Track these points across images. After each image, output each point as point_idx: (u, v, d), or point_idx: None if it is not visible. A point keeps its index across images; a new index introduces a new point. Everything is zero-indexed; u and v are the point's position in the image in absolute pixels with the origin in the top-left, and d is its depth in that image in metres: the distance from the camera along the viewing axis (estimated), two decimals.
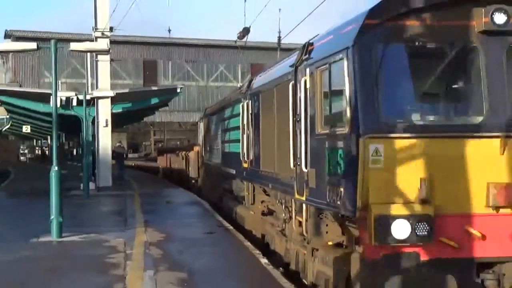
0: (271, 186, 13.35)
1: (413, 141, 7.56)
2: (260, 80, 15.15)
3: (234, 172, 18.65)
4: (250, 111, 15.68)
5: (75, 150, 66.81)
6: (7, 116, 58.00)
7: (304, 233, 10.44)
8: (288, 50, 18.20)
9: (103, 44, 29.29)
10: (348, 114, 7.80)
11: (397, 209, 7.31)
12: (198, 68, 64.97)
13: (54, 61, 19.35)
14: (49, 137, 63.93)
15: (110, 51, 31.76)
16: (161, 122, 66.20)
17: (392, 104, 8.00)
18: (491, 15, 7.51)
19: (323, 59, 8.94)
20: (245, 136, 16.26)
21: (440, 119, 8.03)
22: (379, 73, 7.68)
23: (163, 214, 22.27)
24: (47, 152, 78.15)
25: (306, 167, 9.58)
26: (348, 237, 8.86)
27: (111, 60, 34.60)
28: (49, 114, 26.50)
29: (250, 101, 15.75)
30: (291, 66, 10.98)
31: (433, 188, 7.41)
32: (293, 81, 10.65)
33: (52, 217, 16.61)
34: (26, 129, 58.90)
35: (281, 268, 12.77)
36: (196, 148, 33.64)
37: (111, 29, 32.85)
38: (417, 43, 7.94)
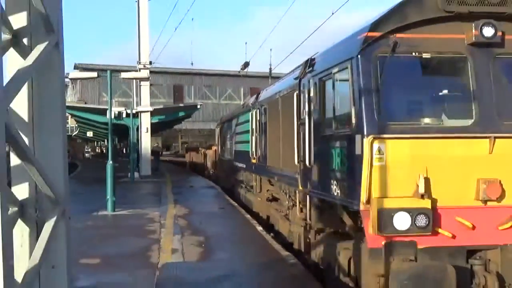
0: (277, 178, 12.05)
1: (412, 141, 6.51)
2: (265, 94, 14.06)
3: (244, 166, 17.31)
4: (258, 118, 14.38)
5: (124, 149, 66.62)
6: (76, 125, 58.12)
7: (308, 219, 9.14)
8: (277, 77, 18.10)
9: (145, 73, 29.43)
10: (353, 117, 6.75)
11: (398, 202, 6.25)
12: (212, 90, 64.94)
13: (109, 86, 19.51)
14: (105, 139, 63.84)
15: (149, 78, 31.86)
16: (186, 129, 65.91)
17: (392, 108, 6.94)
18: (481, 29, 6.51)
19: (327, 70, 7.86)
20: (253, 137, 14.90)
21: (435, 121, 6.80)
22: (380, 80, 6.56)
23: (188, 195, 22.25)
24: (104, 150, 78.20)
25: (309, 164, 8.49)
26: (349, 225, 7.71)
27: (150, 84, 34.68)
28: (106, 123, 26.56)
29: (258, 110, 14.44)
30: (295, 78, 9.80)
31: (429, 183, 6.35)
32: (297, 91, 9.48)
33: (107, 197, 16.77)
34: (90, 134, 58.84)
35: (271, 233, 12.74)
36: (213, 148, 33.61)
37: (150, 63, 33.10)
38: (413, 54, 6.76)
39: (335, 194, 7.39)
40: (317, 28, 16.71)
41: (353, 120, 6.74)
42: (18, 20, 4.02)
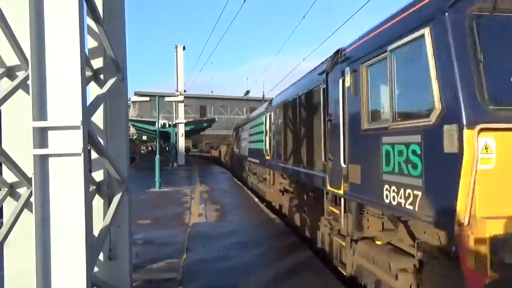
0: (295, 175, 8.11)
1: None
2: (279, 98, 10.23)
3: (258, 161, 13.69)
4: (272, 120, 10.90)
5: (167, 147, 66.40)
6: (135, 132, 57.92)
7: (342, 224, 5.56)
8: (267, 101, 17.87)
9: (181, 98, 29.42)
10: (437, 100, 3.31)
11: None
12: (225, 109, 64.70)
13: (157, 106, 19.50)
14: (155, 141, 63.71)
15: (184, 101, 31.83)
16: (208, 134, 65.50)
17: (498, 86, 3.16)
18: None
19: (374, 52, 4.41)
20: (267, 137, 11.59)
21: None
22: (479, 47, 3.15)
23: (209, 177, 22.10)
24: (154, 148, 77.86)
25: (344, 163, 5.11)
26: (407, 241, 4.30)
27: (184, 105, 34.62)
28: (155, 131, 26.47)
29: (272, 113, 10.90)
30: (320, 74, 6.29)
31: None
32: (324, 86, 6.03)
33: (156, 179, 16.69)
34: (144, 137, 58.61)
35: (264, 203, 12.56)
36: (225, 146, 33.61)
37: (184, 90, 33.03)
38: None
39: (394, 203, 3.92)
40: (293, 69, 16.88)
41: (437, 105, 3.32)
42: (97, 63, 4.00)
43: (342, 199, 5.52)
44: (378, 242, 4.88)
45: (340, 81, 5.36)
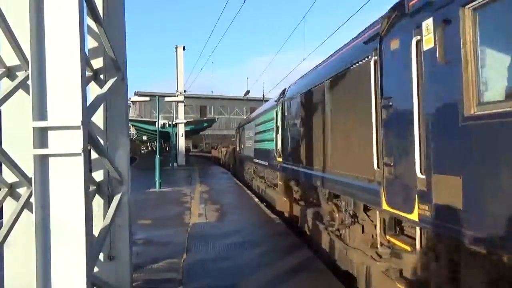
0: (323, 183, 6.04)
1: None
2: (296, 87, 8.12)
3: (266, 163, 11.71)
4: (285, 115, 8.79)
5: (167, 148, 66.40)
6: (135, 132, 57.91)
7: (419, 270, 3.65)
8: (267, 101, 17.70)
9: (181, 98, 29.47)
10: None
11: None
12: (225, 109, 64.70)
13: (157, 106, 19.54)
14: (155, 141, 63.65)
15: (184, 101, 31.87)
16: (208, 134, 65.49)
17: None
18: None
19: None
20: (278, 136, 9.52)
21: None
22: None
23: (209, 177, 22.04)
24: (154, 148, 77.78)
25: (422, 172, 3.34)
26: None
27: (184, 105, 34.65)
28: (155, 131, 26.46)
29: (284, 106, 8.85)
30: (366, 42, 4.50)
31: None
32: (375, 57, 4.22)
33: (156, 179, 16.69)
34: (144, 138, 58.59)
35: (264, 203, 12.47)
36: (228, 147, 33.60)
37: (184, 91, 33.06)
38: None
39: None
40: (293, 69, 16.83)
41: None
42: (97, 63, 4.01)
43: (418, 229, 3.68)
44: None
45: (413, 43, 3.48)
